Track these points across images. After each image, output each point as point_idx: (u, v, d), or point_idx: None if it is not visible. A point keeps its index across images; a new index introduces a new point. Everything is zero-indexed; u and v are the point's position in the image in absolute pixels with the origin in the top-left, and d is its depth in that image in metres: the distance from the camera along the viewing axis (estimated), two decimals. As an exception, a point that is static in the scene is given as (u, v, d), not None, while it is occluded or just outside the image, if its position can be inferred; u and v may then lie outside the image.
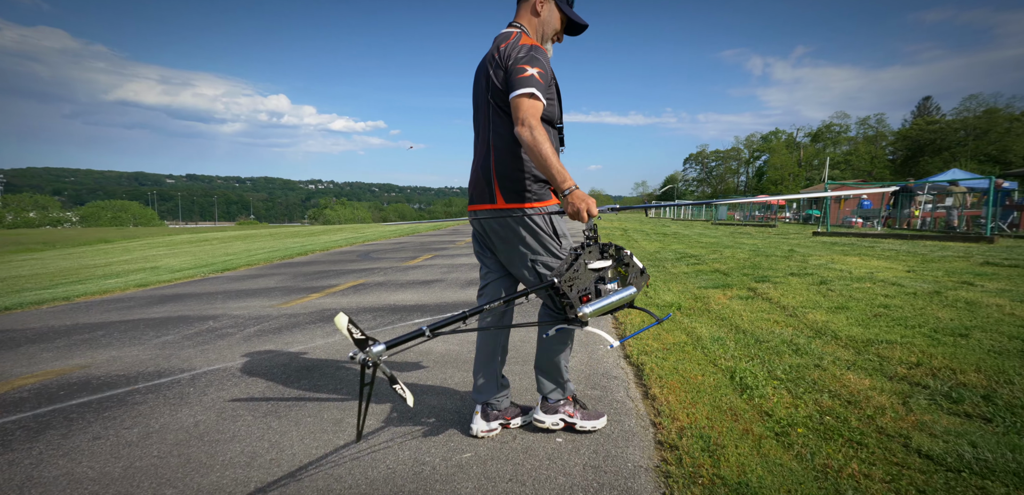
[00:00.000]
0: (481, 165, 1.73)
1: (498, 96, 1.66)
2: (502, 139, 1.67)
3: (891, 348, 2.71)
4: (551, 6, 1.76)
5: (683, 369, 2.54)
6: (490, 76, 1.66)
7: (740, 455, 1.62)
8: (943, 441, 1.67)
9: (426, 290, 5.47)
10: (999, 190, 13.13)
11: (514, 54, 1.61)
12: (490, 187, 1.70)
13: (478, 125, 1.79)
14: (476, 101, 1.79)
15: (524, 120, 1.53)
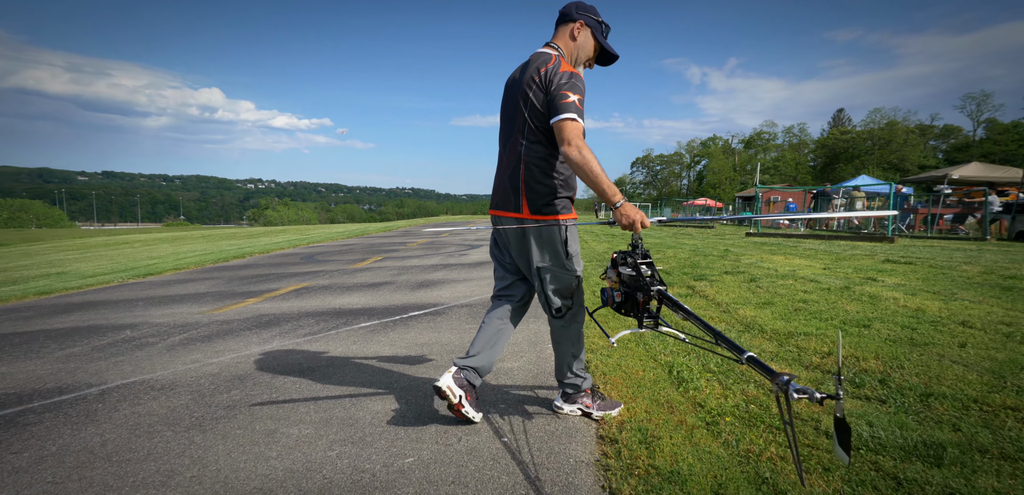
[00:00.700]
0: (509, 176, 1.83)
1: (536, 116, 1.76)
2: (534, 155, 1.78)
3: (808, 339, 2.96)
4: (587, 33, 1.87)
5: (626, 365, 2.63)
6: (529, 96, 1.76)
7: (674, 445, 1.71)
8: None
9: (374, 293, 5.30)
10: (899, 195, 14.82)
11: (557, 80, 1.70)
12: (517, 197, 1.81)
13: (507, 138, 1.87)
14: (508, 115, 1.87)
15: (570, 141, 1.64)
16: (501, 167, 1.90)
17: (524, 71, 1.81)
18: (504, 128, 1.90)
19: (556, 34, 1.89)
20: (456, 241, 12.96)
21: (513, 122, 1.83)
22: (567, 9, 1.88)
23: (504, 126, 1.90)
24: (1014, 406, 1.85)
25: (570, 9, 1.87)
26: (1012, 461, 1.48)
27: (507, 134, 1.88)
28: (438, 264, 7.88)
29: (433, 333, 3.52)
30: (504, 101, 1.91)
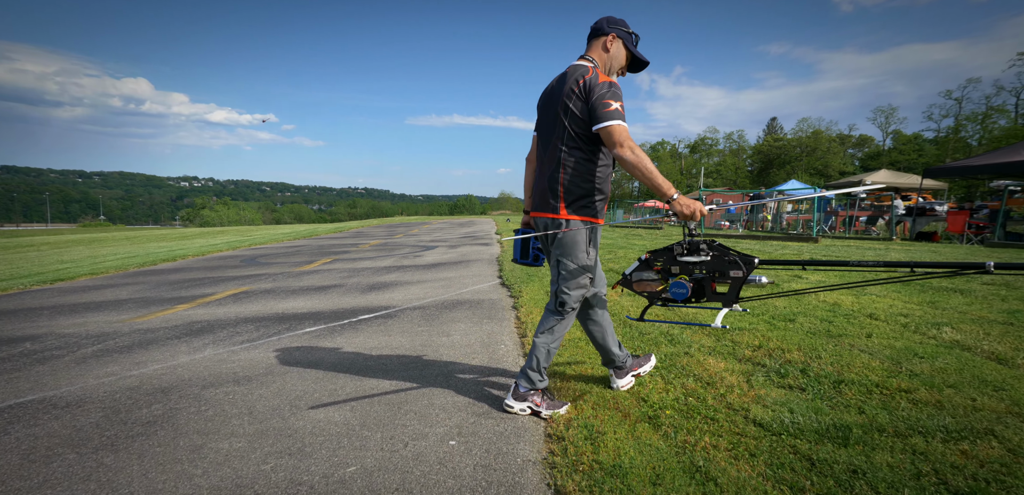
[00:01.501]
0: (548, 178, 1.95)
1: (576, 123, 1.88)
2: (573, 160, 1.91)
3: (741, 334, 3.17)
4: (619, 45, 1.98)
5: (575, 364, 2.70)
6: (569, 106, 1.87)
7: (617, 439, 1.78)
8: (772, 410, 2.00)
9: (322, 296, 5.08)
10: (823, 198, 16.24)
11: (597, 90, 1.81)
12: (555, 198, 1.94)
13: (546, 144, 1.99)
14: (547, 124, 2.00)
15: (623, 143, 1.76)
16: (540, 171, 2.04)
17: (562, 83, 1.93)
18: (542, 136, 2.03)
19: (590, 47, 2.01)
20: (411, 242, 12.70)
21: (552, 130, 1.95)
22: (598, 24, 2.00)
23: (542, 135, 2.03)
24: (907, 389, 2.08)
25: (602, 24, 1.99)
26: (903, 437, 1.67)
27: (546, 141, 2.00)
28: (391, 266, 7.69)
29: (384, 337, 3.43)
30: (541, 111, 2.04)
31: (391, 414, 2.09)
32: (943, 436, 1.65)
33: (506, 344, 3.22)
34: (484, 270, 7.14)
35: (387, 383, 2.48)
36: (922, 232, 12.25)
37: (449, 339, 3.33)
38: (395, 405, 2.19)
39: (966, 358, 2.43)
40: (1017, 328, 2.93)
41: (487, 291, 5.33)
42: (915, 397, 2.01)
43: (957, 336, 2.81)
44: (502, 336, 3.42)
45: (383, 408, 2.15)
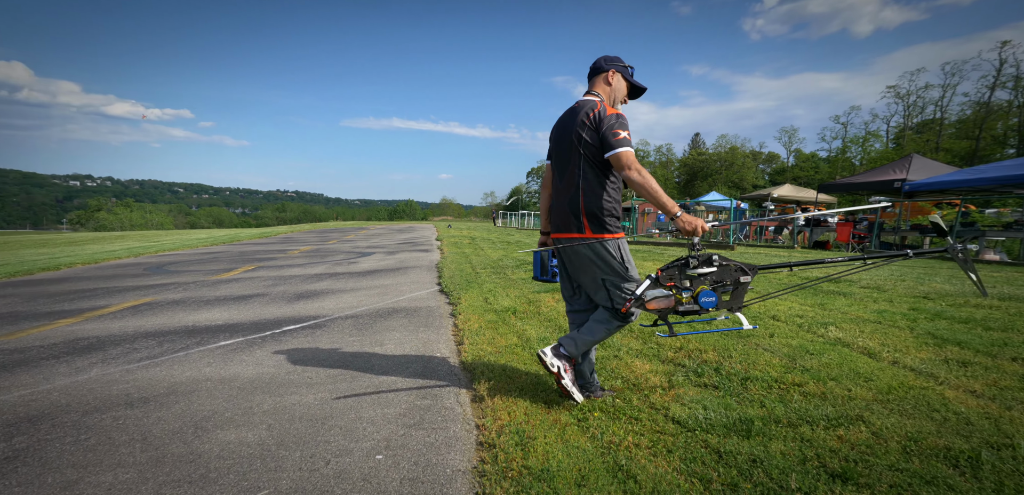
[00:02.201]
0: (569, 202, 2.12)
1: (590, 151, 2.05)
2: (590, 184, 2.08)
3: (665, 337, 3.39)
4: (619, 77, 2.20)
5: (511, 370, 2.72)
6: (582, 136, 2.06)
7: (547, 443, 1.81)
8: (689, 408, 2.15)
9: (241, 306, 4.68)
10: (738, 209, 17.86)
11: (606, 121, 2.01)
12: (578, 220, 2.10)
13: (563, 171, 2.16)
14: (562, 152, 2.16)
15: (630, 166, 1.94)
16: (559, 196, 2.20)
17: (574, 116, 2.11)
18: (559, 164, 2.21)
19: (594, 84, 2.22)
20: (346, 248, 12.13)
21: (568, 158, 2.13)
22: (598, 63, 2.22)
23: (558, 162, 2.21)
24: (799, 383, 2.34)
25: (601, 62, 2.22)
26: (794, 427, 1.87)
27: (562, 168, 2.18)
28: (323, 273, 7.29)
29: (311, 348, 3.23)
30: (556, 142, 2.22)
31: (313, 431, 1.97)
32: (825, 424, 1.88)
33: (442, 352, 3.17)
34: (423, 277, 7.00)
35: (310, 398, 2.33)
36: (818, 241, 13.87)
37: (383, 349, 3.22)
38: (318, 421, 2.07)
39: (845, 353, 2.78)
40: (884, 326, 3.42)
41: (425, 299, 5.22)
42: (805, 390, 2.26)
43: (840, 334, 3.22)
44: (438, 344, 3.37)
45: (305, 425, 2.02)
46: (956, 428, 1.78)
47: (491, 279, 6.59)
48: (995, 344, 2.78)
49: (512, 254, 10.54)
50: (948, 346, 2.83)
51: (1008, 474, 1.46)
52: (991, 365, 2.45)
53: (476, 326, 3.85)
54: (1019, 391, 2.10)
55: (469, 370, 2.78)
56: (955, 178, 10.95)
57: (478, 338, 3.44)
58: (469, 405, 2.28)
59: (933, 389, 2.16)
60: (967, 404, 1.99)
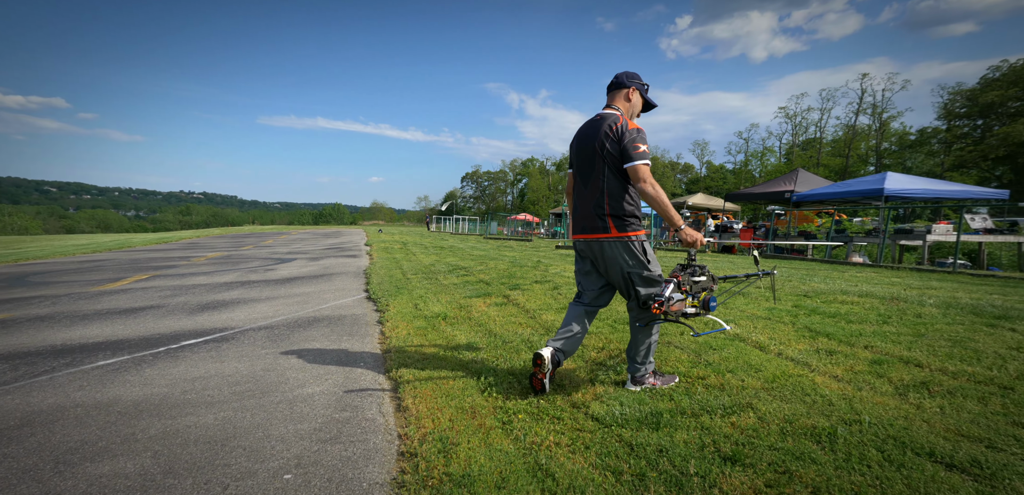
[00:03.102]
0: (594, 205, 2.34)
1: (612, 160, 2.27)
2: (614, 189, 2.30)
3: (590, 338, 3.55)
4: (637, 94, 2.43)
5: (438, 377, 2.69)
6: (606, 146, 2.27)
7: (470, 448, 1.82)
8: (607, 405, 2.27)
9: (129, 320, 4.13)
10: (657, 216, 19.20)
11: (628, 134, 2.23)
12: (603, 221, 2.32)
13: (588, 177, 2.37)
14: (586, 160, 2.37)
15: (645, 179, 2.18)
16: (584, 200, 2.40)
17: (598, 128, 2.32)
18: (583, 170, 2.41)
19: (614, 98, 2.42)
20: (263, 254, 11.20)
21: (592, 165, 2.34)
22: (620, 79, 2.42)
23: (582, 169, 2.41)
24: (702, 376, 2.58)
25: (622, 79, 2.41)
26: (696, 417, 2.06)
27: (586, 175, 2.38)
28: (234, 281, 6.67)
29: (214, 364, 2.94)
30: (579, 149, 2.42)
31: (210, 455, 1.80)
32: (722, 413, 2.09)
33: (365, 361, 3.05)
34: (349, 284, 6.69)
35: (210, 418, 2.12)
36: (725, 246, 15.38)
37: (299, 361, 3.02)
38: (218, 443, 1.89)
39: (742, 347, 3.11)
40: (772, 322, 3.88)
41: (350, 306, 4.99)
42: (707, 382, 2.49)
43: (738, 330, 3.60)
44: (362, 354, 3.23)
45: (201, 449, 1.84)
46: (821, 409, 2.08)
47: (422, 285, 6.47)
48: (853, 335, 3.28)
49: (444, 260, 10.43)
50: (819, 338, 3.28)
51: (855, 445, 1.74)
52: (849, 352, 2.89)
53: (404, 333, 3.76)
54: (867, 375, 2.49)
55: (394, 379, 2.70)
56: (830, 190, 12.81)
57: (406, 345, 3.36)
58: (392, 415, 2.22)
59: (807, 376, 2.50)
60: (830, 387, 2.32)
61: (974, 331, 3.32)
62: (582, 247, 2.50)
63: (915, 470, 1.56)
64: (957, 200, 11.52)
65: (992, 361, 2.64)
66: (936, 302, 4.44)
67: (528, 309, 4.70)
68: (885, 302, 4.48)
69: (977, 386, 2.28)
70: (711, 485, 1.55)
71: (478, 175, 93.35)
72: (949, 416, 1.96)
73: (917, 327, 3.47)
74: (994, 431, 1.82)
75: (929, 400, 2.14)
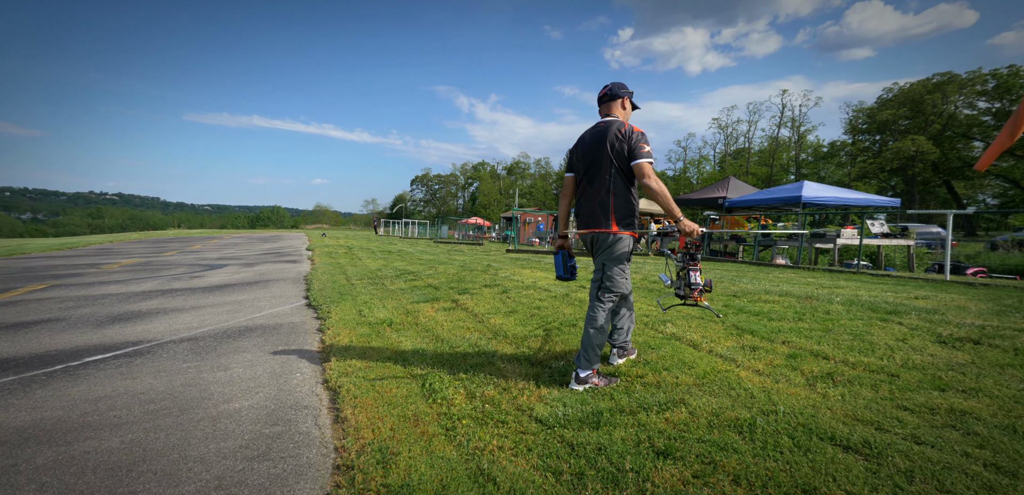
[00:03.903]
0: (599, 203, 2.59)
1: (620, 160, 2.52)
2: (619, 188, 2.56)
3: (536, 340, 3.60)
4: (628, 103, 2.74)
5: (380, 385, 2.60)
6: (615, 147, 2.52)
7: (411, 457, 1.78)
8: (551, 407, 2.31)
9: (18, 337, 3.64)
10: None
11: (634, 137, 2.50)
12: (607, 218, 2.57)
13: (594, 176, 2.61)
14: (593, 161, 2.61)
15: (649, 175, 2.44)
16: (589, 197, 2.65)
17: (605, 133, 2.57)
18: (589, 170, 2.63)
19: (612, 108, 2.67)
20: (190, 260, 10.30)
21: (599, 165, 2.58)
22: (614, 91, 2.68)
23: (589, 169, 2.63)
24: (641, 375, 2.70)
25: (616, 90, 2.68)
26: (634, 414, 2.16)
27: (593, 174, 2.61)
28: (154, 290, 6.08)
29: (123, 381, 2.66)
30: (586, 152, 2.65)
31: (111, 484, 1.62)
32: (657, 409, 2.20)
33: (303, 372, 2.89)
34: (287, 290, 6.33)
35: (115, 442, 1.92)
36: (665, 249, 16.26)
37: (227, 374, 2.80)
38: (122, 470, 1.71)
39: (677, 346, 3.30)
40: (705, 321, 4.15)
41: (288, 314, 4.72)
42: (645, 380, 2.62)
43: (674, 330, 3.81)
44: (299, 364, 3.07)
45: (100, 477, 1.65)
46: (744, 401, 2.25)
47: (367, 290, 6.26)
48: (772, 332, 3.58)
49: (392, 264, 10.15)
50: (745, 335, 3.55)
51: (771, 433, 1.90)
52: (770, 348, 3.15)
53: (346, 341, 3.61)
54: (784, 368, 2.74)
55: (333, 389, 2.59)
56: (757, 197, 13.95)
57: (347, 353, 3.23)
58: (329, 427, 2.12)
59: (733, 371, 2.69)
60: (752, 381, 2.52)
61: (870, 325, 3.75)
62: (585, 238, 2.81)
63: (818, 453, 1.73)
64: (860, 207, 12.97)
65: (883, 352, 2.99)
66: (842, 300, 4.96)
67: (477, 313, 4.68)
68: (801, 300, 4.93)
69: (871, 375, 2.57)
70: (644, 479, 1.62)
71: (428, 178, 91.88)
72: (848, 403, 2.20)
73: (826, 323, 3.85)
74: (882, 414, 2.06)
75: (833, 389, 2.38)
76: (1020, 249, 12.22)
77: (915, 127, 40.93)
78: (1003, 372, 2.58)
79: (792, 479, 1.58)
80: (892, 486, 1.53)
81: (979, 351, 2.99)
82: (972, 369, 2.63)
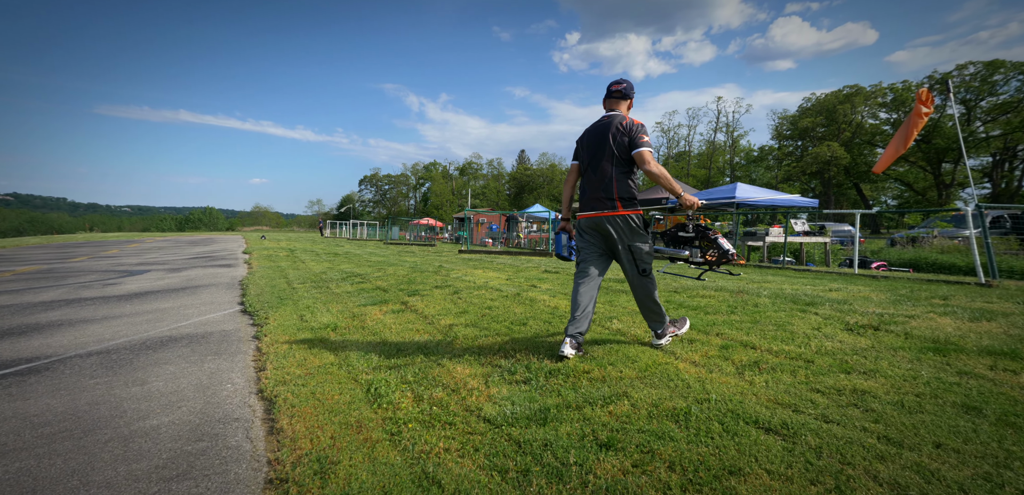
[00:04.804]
0: (604, 188, 2.91)
1: (622, 149, 2.87)
2: (621, 174, 2.90)
3: (486, 340, 3.59)
4: (630, 100, 3.10)
5: (321, 392, 2.48)
6: (618, 138, 2.87)
7: (351, 466, 1.71)
8: (499, 406, 2.31)
9: None
10: (557, 220, 20.29)
11: (635, 128, 2.87)
12: (612, 201, 2.89)
13: (597, 164, 2.95)
14: (597, 150, 2.96)
15: (649, 161, 2.83)
16: (593, 184, 2.98)
17: (608, 125, 2.93)
18: (593, 159, 2.99)
19: (618, 104, 3.05)
20: (103, 266, 9.28)
21: (602, 154, 2.93)
22: (623, 90, 3.04)
23: (592, 158, 2.99)
24: (587, 370, 2.78)
25: (627, 91, 3.05)
26: (580, 409, 2.21)
27: (596, 162, 2.96)
28: (56, 299, 5.41)
29: (14, 403, 2.35)
30: (590, 142, 3.01)
31: (6, 520, 1.42)
32: (602, 403, 2.27)
33: (234, 382, 2.70)
34: (220, 296, 5.88)
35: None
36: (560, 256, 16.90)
37: (144, 389, 2.55)
38: (17, 504, 1.51)
39: (622, 342, 3.43)
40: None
41: (219, 322, 4.39)
42: (591, 375, 2.69)
43: (621, 325, 3.95)
44: (231, 374, 2.86)
45: None
46: (681, 392, 2.38)
47: (310, 294, 5.96)
48: (709, 324, 3.82)
49: (337, 267, 9.73)
50: (685, 328, 3.76)
51: (703, 420, 2.02)
52: (705, 340, 3.36)
53: (285, 348, 3.41)
54: (717, 358, 2.93)
55: (269, 398, 2.43)
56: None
57: (286, 361, 3.05)
58: (263, 439, 1.99)
59: (672, 363, 2.84)
60: (689, 372, 2.67)
61: (792, 316, 4.10)
62: (587, 224, 3.06)
63: (744, 437, 1.86)
64: (786, 208, 14.17)
65: (801, 340, 3.28)
66: (769, 293, 5.39)
67: (427, 315, 4.60)
68: (733, 295, 5.30)
69: (791, 361, 2.82)
70: (587, 471, 1.67)
71: (377, 178, 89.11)
72: (770, 388, 2.39)
73: (755, 315, 4.16)
74: (798, 397, 2.26)
75: (758, 376, 2.58)
76: (912, 245, 13.92)
77: (830, 134, 45.48)
78: (896, 354, 2.92)
79: (720, 462, 1.69)
80: (804, 462, 1.68)
81: (878, 336, 3.36)
82: (872, 353, 2.96)
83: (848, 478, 1.58)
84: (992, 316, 3.97)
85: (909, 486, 1.54)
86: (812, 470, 1.63)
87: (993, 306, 4.48)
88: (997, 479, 1.56)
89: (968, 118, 39.05)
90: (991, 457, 1.69)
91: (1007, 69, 36.88)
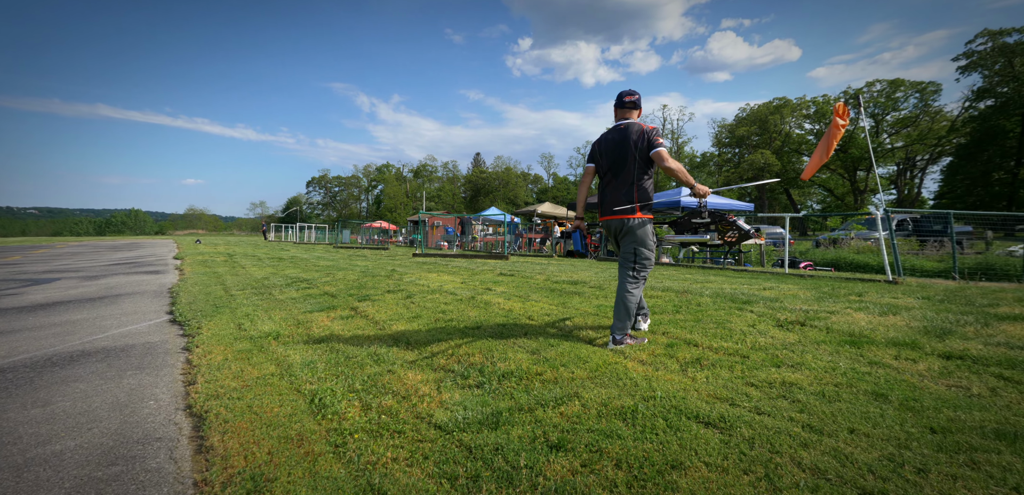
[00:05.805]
0: (624, 193, 3.22)
1: (643, 154, 3.16)
2: (642, 179, 3.20)
3: (440, 345, 3.53)
4: (640, 108, 3.34)
5: (259, 404, 2.33)
6: (637, 145, 3.16)
7: (290, 482, 1.61)
8: (451, 411, 2.28)
9: None
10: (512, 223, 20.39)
11: (651, 133, 3.16)
12: (632, 204, 3.20)
13: (619, 170, 3.24)
14: (619, 157, 3.23)
15: (666, 159, 3.10)
16: (614, 188, 3.27)
17: (627, 133, 3.20)
18: (614, 165, 3.25)
19: (630, 112, 3.29)
20: (1, 274, 8.20)
21: (624, 161, 3.19)
22: (634, 100, 3.30)
23: (614, 164, 3.25)
24: (540, 372, 2.80)
25: (638, 101, 3.30)
26: (532, 412, 2.22)
27: (618, 168, 3.23)
28: (-62, 309, 4.70)
29: None
30: (610, 149, 3.27)
31: None
32: (553, 404, 2.29)
33: (158, 399, 2.47)
34: (145, 305, 5.39)
35: None
36: (570, 251, 17.16)
37: (46, 410, 2.27)
38: None
39: (574, 342, 3.49)
40: (600, 316, 4.47)
41: (143, 333, 4.01)
42: (544, 377, 2.71)
43: (574, 326, 4.03)
44: (155, 389, 2.61)
45: None
46: (630, 390, 2.46)
47: (250, 301, 5.60)
48: (656, 324, 3.99)
49: (282, 272, 9.20)
50: (633, 327, 3.90)
51: (649, 417, 2.10)
52: (653, 339, 3.50)
53: (220, 359, 3.17)
54: (663, 357, 3.06)
55: (199, 414, 2.25)
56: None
57: (220, 373, 2.84)
58: (189, 459, 1.83)
59: (622, 363, 2.93)
60: (638, 371, 2.77)
61: (730, 314, 4.37)
62: (608, 226, 3.38)
63: (685, 431, 1.95)
64: (725, 211, 15.17)
65: (738, 337, 3.50)
66: (710, 293, 5.71)
67: (377, 321, 4.45)
68: (679, 295, 5.57)
69: (728, 357, 3.00)
70: (537, 474, 1.67)
71: (327, 180, 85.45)
72: (710, 384, 2.53)
73: (698, 314, 4.40)
74: (735, 391, 2.40)
75: (700, 372, 2.72)
76: (834, 246, 15.35)
77: (763, 142, 49.27)
78: (819, 348, 3.19)
79: (664, 457, 1.76)
80: (739, 453, 1.78)
81: (804, 331, 3.65)
82: (798, 347, 3.21)
83: (776, 466, 1.70)
84: (897, 310, 4.44)
85: (827, 470, 1.68)
86: (745, 460, 1.74)
87: (898, 301, 5.01)
88: (899, 459, 1.74)
89: (876, 130, 43.81)
90: (894, 439, 1.89)
91: (906, 87, 41.87)
